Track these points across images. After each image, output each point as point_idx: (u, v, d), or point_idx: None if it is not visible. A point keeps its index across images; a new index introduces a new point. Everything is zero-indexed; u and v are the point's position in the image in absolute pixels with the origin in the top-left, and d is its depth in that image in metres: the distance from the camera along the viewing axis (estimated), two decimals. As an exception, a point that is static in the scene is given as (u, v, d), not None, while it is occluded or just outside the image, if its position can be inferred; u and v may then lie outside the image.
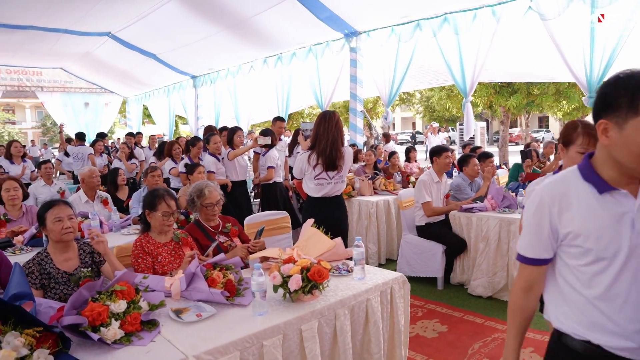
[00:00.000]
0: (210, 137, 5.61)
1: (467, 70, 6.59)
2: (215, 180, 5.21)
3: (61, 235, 2.40)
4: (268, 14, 7.52)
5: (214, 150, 5.58)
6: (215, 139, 5.58)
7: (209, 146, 5.60)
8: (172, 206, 2.72)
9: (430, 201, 4.54)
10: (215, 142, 5.57)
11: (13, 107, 37.87)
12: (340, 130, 3.48)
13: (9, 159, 6.88)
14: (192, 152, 5.79)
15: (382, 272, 2.59)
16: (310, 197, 3.60)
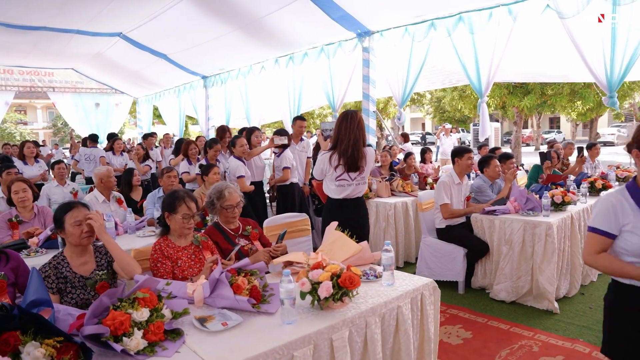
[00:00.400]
0: (237, 140, 5.37)
1: (483, 70, 6.46)
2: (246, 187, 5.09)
3: (81, 239, 2.33)
4: (280, 13, 7.44)
5: (240, 154, 5.32)
6: (241, 142, 5.33)
7: (235, 149, 5.35)
8: (192, 208, 2.63)
9: (449, 203, 4.42)
10: (241, 145, 5.32)
11: (25, 108, 38.12)
12: (362, 130, 3.39)
13: (22, 160, 6.81)
14: (210, 154, 5.66)
15: (411, 277, 2.48)
16: (331, 199, 3.51)
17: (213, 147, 5.65)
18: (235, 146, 5.33)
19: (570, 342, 3.34)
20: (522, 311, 3.97)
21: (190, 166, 6.19)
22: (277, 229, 3.45)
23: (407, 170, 6.39)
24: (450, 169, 4.65)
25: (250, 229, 3.04)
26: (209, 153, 5.68)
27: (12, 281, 2.27)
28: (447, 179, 4.47)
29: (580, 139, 29.21)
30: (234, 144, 5.37)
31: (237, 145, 5.31)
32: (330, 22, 7.26)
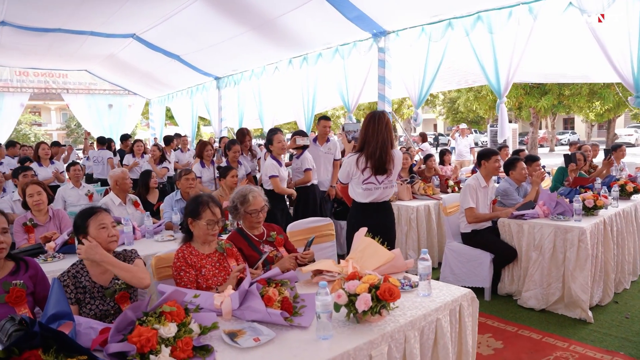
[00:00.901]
0: (274, 136, 4.96)
1: (502, 70, 6.31)
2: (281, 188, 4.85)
3: (107, 243, 2.24)
4: (294, 13, 7.34)
5: (278, 152, 4.96)
6: (279, 137, 4.93)
7: (273, 146, 4.95)
8: (217, 214, 2.50)
9: (474, 207, 4.27)
10: (279, 141, 4.90)
11: (39, 110, 38.50)
12: (390, 131, 3.28)
13: (37, 161, 6.74)
14: (230, 156, 5.53)
15: (448, 287, 2.34)
16: (357, 203, 3.39)
17: (232, 149, 5.50)
18: (273, 143, 4.94)
19: (609, 355, 3.17)
20: (553, 320, 3.81)
21: (204, 169, 6.04)
22: (300, 235, 3.32)
23: (427, 172, 6.24)
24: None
25: (275, 235, 2.91)
26: (229, 155, 5.54)
27: (30, 290, 2.18)
28: (472, 182, 4.33)
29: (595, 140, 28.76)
30: (270, 141, 5.01)
31: (275, 142, 4.92)
32: (346, 22, 7.16)
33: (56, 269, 2.96)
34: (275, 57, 9.42)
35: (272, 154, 4.97)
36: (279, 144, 4.89)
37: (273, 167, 4.83)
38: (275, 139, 4.89)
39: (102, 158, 8.89)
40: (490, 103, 14.94)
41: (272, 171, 4.82)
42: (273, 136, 4.94)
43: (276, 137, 4.91)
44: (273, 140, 4.91)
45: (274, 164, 4.87)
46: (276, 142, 4.90)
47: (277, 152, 4.93)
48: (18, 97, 13.42)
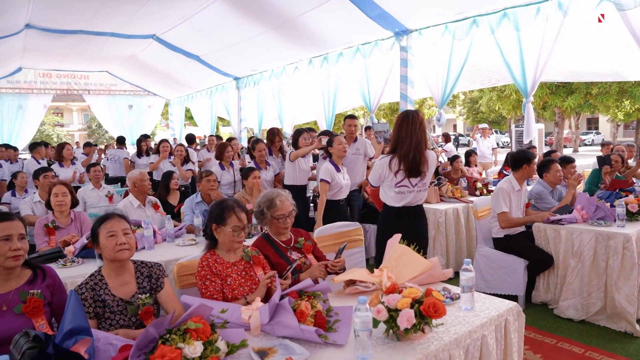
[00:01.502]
0: (335, 137, 4.55)
1: (529, 68, 6.07)
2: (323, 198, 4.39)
3: (115, 252, 2.06)
4: (315, 12, 7.21)
5: (340, 154, 4.46)
6: (339, 139, 4.49)
7: (333, 148, 4.49)
8: (243, 219, 2.37)
9: (507, 211, 4.06)
10: (339, 143, 4.44)
11: (62, 111, 39.24)
12: (424, 131, 3.11)
13: (58, 162, 6.68)
14: (257, 157, 5.37)
15: (491, 300, 2.16)
16: (388, 208, 3.23)
17: (256, 148, 5.30)
18: (333, 145, 4.49)
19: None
20: (595, 332, 3.58)
21: (223, 171, 5.82)
22: (328, 240, 3.16)
23: (453, 174, 6.03)
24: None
25: (302, 241, 2.75)
26: (255, 156, 5.38)
27: (48, 300, 2.05)
28: (505, 186, 4.12)
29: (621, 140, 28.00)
30: (331, 142, 4.53)
31: (335, 144, 4.46)
32: (367, 20, 7.00)
33: (75, 274, 2.88)
34: (295, 56, 9.32)
35: (330, 157, 4.57)
36: (339, 146, 4.45)
37: (325, 172, 4.43)
38: (335, 141, 4.48)
39: (119, 157, 8.89)
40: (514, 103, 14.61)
41: (323, 175, 4.42)
42: (334, 138, 4.55)
43: (337, 139, 4.52)
44: (334, 142, 4.49)
45: (328, 167, 4.47)
46: (336, 144, 4.46)
47: (337, 155, 4.50)
48: (41, 98, 13.61)
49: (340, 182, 4.48)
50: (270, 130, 6.20)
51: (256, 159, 5.29)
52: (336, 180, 4.44)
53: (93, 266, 2.76)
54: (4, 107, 12.95)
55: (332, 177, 4.41)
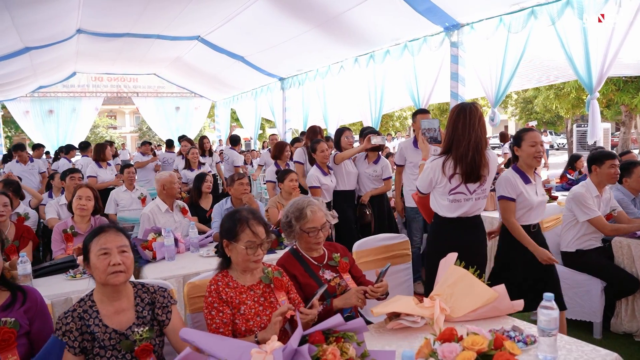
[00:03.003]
0: (317, 145, 4.60)
1: (595, 61, 5.51)
2: None
3: (107, 275, 1.74)
4: (360, 8, 6.95)
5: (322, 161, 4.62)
6: (321, 147, 4.58)
7: (315, 155, 4.63)
8: (259, 234, 1.99)
9: (601, 215, 3.50)
10: (322, 150, 4.58)
11: (115, 114, 40.87)
12: (483, 128, 2.69)
13: (97, 162, 6.59)
14: (318, 159, 4.85)
15: (577, 345, 1.73)
16: (440, 219, 2.81)
17: (317, 148, 4.79)
18: (316, 151, 4.62)
19: None
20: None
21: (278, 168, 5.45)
22: (370, 255, 2.80)
23: (509, 178, 5.52)
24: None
25: (338, 258, 2.37)
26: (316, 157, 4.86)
27: (25, 330, 1.75)
28: (582, 191, 3.59)
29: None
30: (314, 148, 4.65)
31: (318, 151, 4.61)
32: (415, 15, 6.66)
33: (83, 287, 2.66)
34: (340, 55, 9.11)
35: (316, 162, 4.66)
36: (321, 153, 4.60)
37: (313, 178, 4.53)
38: (318, 148, 4.60)
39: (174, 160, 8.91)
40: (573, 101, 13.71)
41: (311, 181, 4.49)
42: (316, 144, 4.64)
43: (319, 145, 4.60)
44: (316, 148, 4.61)
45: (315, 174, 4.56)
46: (319, 152, 4.60)
47: (321, 161, 4.62)
48: (93, 101, 14.18)
49: (329, 185, 4.59)
50: (311, 129, 5.64)
51: (317, 161, 4.72)
52: (326, 184, 4.53)
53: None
54: (60, 110, 13.61)
55: (320, 183, 4.51)
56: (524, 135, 2.97)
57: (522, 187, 2.93)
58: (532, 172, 3.05)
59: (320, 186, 4.51)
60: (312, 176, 4.56)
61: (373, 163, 4.87)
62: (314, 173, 4.57)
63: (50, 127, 13.49)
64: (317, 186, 4.49)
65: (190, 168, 6.59)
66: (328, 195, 4.64)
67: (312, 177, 4.56)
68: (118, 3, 7.67)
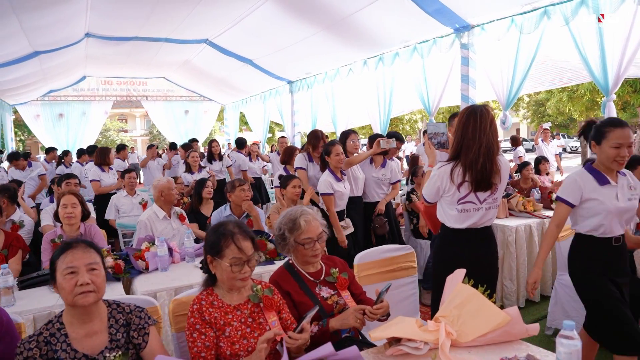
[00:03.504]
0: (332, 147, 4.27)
1: (611, 62, 5.32)
2: None
3: (73, 296, 1.60)
4: (368, 10, 6.85)
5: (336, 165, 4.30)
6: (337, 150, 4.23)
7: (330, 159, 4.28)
8: (246, 249, 1.82)
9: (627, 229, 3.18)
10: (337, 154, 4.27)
11: (126, 117, 41.22)
12: (495, 132, 2.49)
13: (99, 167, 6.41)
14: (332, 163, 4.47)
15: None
16: (448, 230, 2.61)
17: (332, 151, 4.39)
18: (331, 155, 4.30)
19: None
20: None
21: None
22: (372, 268, 2.64)
23: (522, 183, 5.34)
24: None
25: (336, 273, 2.20)
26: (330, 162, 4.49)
27: None
28: None
29: None
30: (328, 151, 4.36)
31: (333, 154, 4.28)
32: (425, 16, 6.53)
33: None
34: (349, 58, 9.02)
35: (329, 166, 4.32)
36: (336, 157, 4.26)
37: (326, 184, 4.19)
38: (333, 151, 4.27)
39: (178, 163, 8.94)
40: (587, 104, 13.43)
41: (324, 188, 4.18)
42: (331, 147, 4.31)
43: (334, 148, 4.26)
44: (331, 152, 4.28)
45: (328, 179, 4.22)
46: (334, 155, 4.26)
47: (335, 166, 4.29)
48: (103, 105, 14.23)
49: (343, 192, 4.27)
50: (313, 133, 5.36)
51: (330, 165, 4.35)
52: (340, 191, 4.21)
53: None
54: (70, 113, 13.67)
55: (333, 189, 4.17)
56: (607, 131, 2.49)
57: (594, 190, 2.54)
58: (613, 172, 2.57)
59: (333, 193, 4.18)
60: (325, 182, 4.20)
61: (381, 167, 4.71)
62: (326, 179, 4.20)
63: (61, 130, 13.56)
64: (329, 193, 4.15)
65: (190, 171, 6.49)
66: (342, 203, 4.33)
67: (324, 183, 4.20)
68: (125, 6, 7.65)
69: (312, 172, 5.11)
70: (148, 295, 2.42)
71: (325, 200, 4.13)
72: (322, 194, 4.14)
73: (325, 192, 4.15)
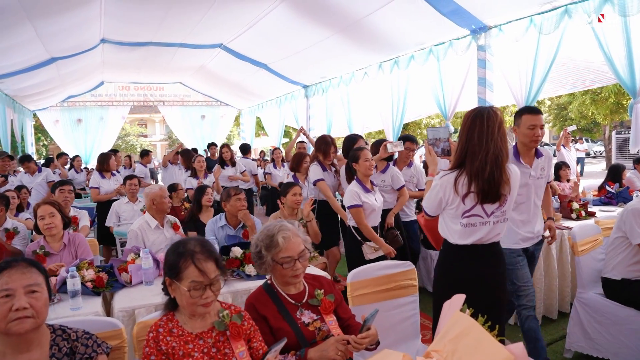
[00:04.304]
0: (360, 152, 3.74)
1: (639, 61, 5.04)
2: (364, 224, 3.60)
3: (7, 322, 1.41)
4: (382, 12, 6.69)
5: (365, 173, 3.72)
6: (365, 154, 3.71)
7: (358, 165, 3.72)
8: (208, 272, 1.62)
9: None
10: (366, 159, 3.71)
11: (146, 122, 41.86)
12: (504, 137, 2.23)
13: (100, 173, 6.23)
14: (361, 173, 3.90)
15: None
16: (451, 246, 2.35)
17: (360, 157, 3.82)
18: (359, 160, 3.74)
19: None
20: None
21: None
22: (367, 286, 2.37)
23: (540, 191, 5.05)
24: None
25: (321, 295, 1.96)
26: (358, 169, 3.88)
27: None
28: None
29: None
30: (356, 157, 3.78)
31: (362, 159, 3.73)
32: (440, 18, 6.37)
33: None
34: (364, 61, 8.92)
35: (356, 175, 3.79)
36: (366, 163, 3.70)
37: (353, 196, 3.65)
38: (362, 156, 3.71)
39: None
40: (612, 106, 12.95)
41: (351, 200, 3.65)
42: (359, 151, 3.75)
43: (362, 153, 3.72)
44: (359, 156, 3.73)
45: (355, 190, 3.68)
46: (362, 160, 3.70)
47: (364, 174, 3.73)
48: (120, 110, 14.40)
49: (373, 205, 3.67)
50: (322, 139, 4.92)
51: (359, 173, 3.75)
52: (369, 203, 3.63)
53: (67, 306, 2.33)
54: (88, 118, 13.87)
55: (361, 201, 3.58)
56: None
57: None
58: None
59: (361, 204, 3.59)
60: (351, 193, 3.63)
61: (381, 172, 4.34)
62: (352, 189, 3.65)
63: (79, 135, 13.75)
64: (357, 205, 3.57)
65: (195, 176, 6.37)
66: (374, 219, 3.74)
67: (351, 194, 3.63)
68: (138, 11, 7.67)
69: (330, 182, 4.76)
70: (126, 311, 2.27)
71: (353, 214, 3.61)
72: (349, 207, 3.61)
73: (352, 204, 3.60)
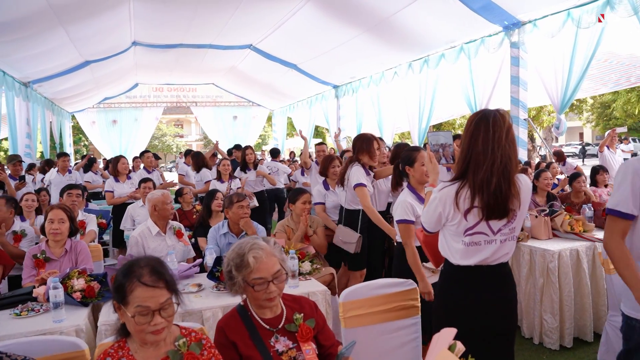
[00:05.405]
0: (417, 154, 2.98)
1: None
2: None
3: None
4: (411, 9, 6.54)
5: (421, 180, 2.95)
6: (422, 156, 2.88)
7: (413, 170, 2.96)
8: (156, 296, 1.47)
9: None
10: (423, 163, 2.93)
11: (182, 123, 42.81)
12: (513, 143, 1.93)
13: (114, 176, 6.20)
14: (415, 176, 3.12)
15: None
16: (452, 267, 2.03)
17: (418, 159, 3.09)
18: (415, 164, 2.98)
19: None
20: None
21: (328, 192, 4.40)
22: (361, 307, 2.15)
23: (573, 197, 4.69)
24: None
25: (300, 320, 1.78)
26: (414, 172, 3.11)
27: None
28: None
29: None
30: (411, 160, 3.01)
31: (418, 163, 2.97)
32: (471, 14, 6.19)
33: (23, 330, 2.19)
34: (393, 61, 8.81)
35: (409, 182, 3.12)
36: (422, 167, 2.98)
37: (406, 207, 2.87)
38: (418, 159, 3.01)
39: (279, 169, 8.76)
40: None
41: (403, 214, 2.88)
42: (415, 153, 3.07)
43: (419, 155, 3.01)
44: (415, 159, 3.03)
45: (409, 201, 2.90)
46: (419, 164, 3.00)
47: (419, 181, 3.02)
48: (154, 111, 14.80)
49: None
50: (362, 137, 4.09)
51: (414, 181, 3.05)
52: None
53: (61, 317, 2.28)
54: (123, 119, 14.29)
55: (414, 216, 2.82)
56: None
57: None
58: None
59: (413, 221, 2.81)
60: (404, 205, 2.87)
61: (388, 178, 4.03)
62: (405, 199, 2.90)
63: (114, 136, 14.16)
64: (409, 220, 2.82)
65: (220, 179, 6.30)
66: None
67: (403, 205, 2.87)
68: (165, 12, 7.79)
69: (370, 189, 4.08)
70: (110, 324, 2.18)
71: (402, 230, 2.85)
72: (399, 222, 2.86)
73: (404, 218, 2.84)
